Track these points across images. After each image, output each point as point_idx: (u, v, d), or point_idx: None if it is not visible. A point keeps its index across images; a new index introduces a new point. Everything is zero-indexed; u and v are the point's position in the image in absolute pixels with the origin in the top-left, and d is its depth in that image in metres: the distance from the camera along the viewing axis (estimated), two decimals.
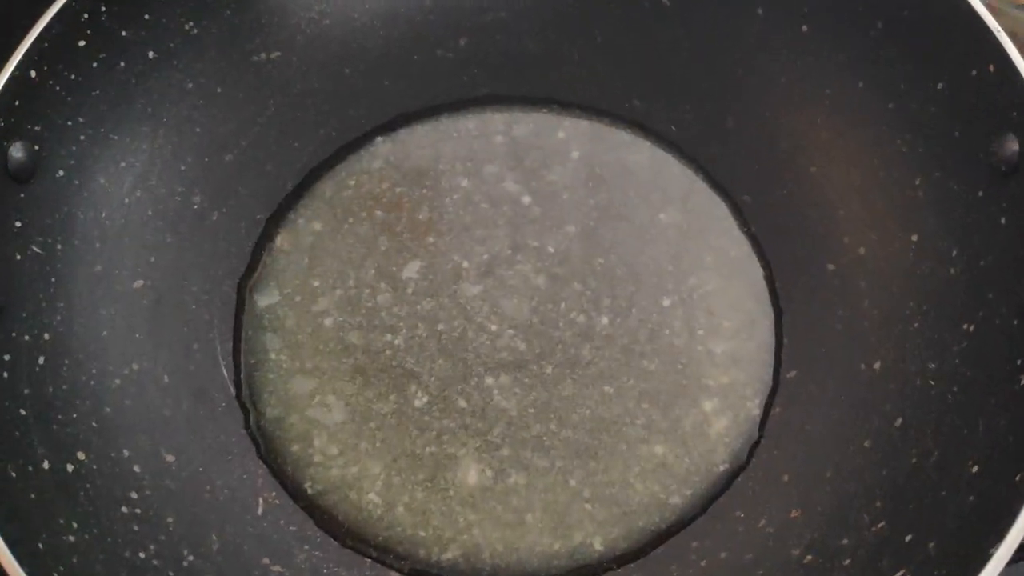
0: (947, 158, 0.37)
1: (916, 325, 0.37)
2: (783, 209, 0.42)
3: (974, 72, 0.36)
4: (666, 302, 0.41)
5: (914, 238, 0.38)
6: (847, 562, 0.33)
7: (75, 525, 0.32)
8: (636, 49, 0.45)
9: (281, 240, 0.43)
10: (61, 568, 0.30)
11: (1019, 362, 0.32)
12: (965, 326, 0.35)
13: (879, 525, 0.33)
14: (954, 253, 0.36)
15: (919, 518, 0.32)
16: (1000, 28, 0.35)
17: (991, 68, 0.35)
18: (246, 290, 0.42)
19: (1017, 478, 0.29)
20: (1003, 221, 0.35)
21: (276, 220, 0.43)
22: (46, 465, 0.33)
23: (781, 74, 0.42)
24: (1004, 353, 0.33)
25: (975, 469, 0.31)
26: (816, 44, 0.41)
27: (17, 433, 0.32)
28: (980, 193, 0.36)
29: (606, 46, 0.45)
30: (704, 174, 0.43)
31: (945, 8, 0.36)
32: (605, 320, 0.40)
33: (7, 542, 0.28)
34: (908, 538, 0.31)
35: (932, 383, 0.35)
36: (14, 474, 0.31)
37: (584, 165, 0.44)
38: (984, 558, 0.27)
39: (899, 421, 0.35)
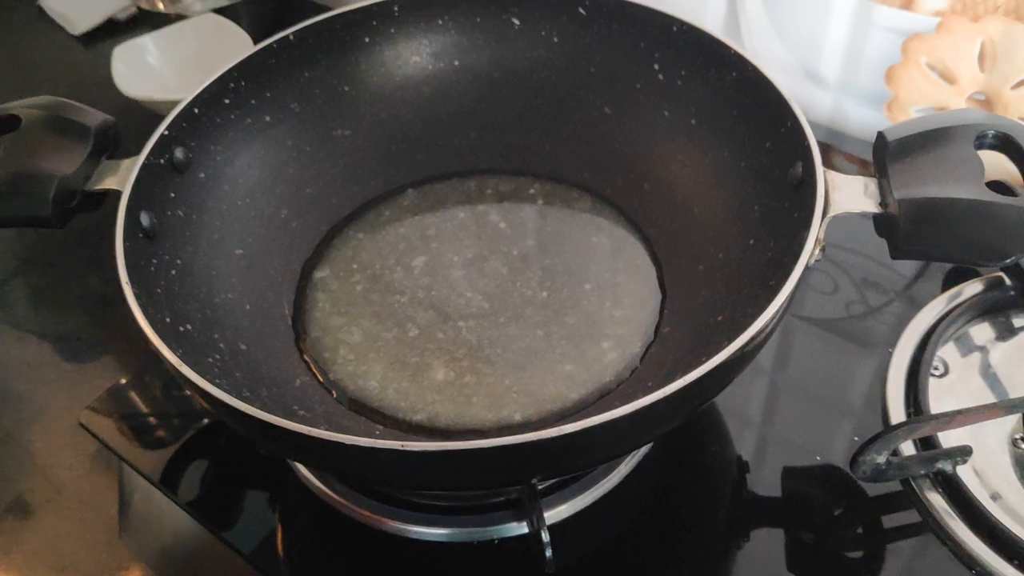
0: (772, 188, 0.55)
1: (745, 291, 0.54)
2: (675, 235, 0.61)
3: (783, 129, 0.55)
4: (587, 286, 0.60)
5: (751, 241, 0.56)
6: None
7: (180, 352, 0.50)
8: (587, 141, 0.66)
9: (336, 242, 0.63)
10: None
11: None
12: (772, 283, 0.52)
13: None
14: (772, 243, 0.54)
15: None
16: (792, 98, 0.55)
17: (789, 124, 0.54)
18: (307, 267, 0.62)
19: None
20: (795, 215, 0.52)
21: (334, 230, 0.64)
22: (168, 320, 0.51)
23: (679, 152, 0.63)
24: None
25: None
26: (700, 131, 0.62)
27: (154, 297, 0.52)
28: (786, 203, 0.53)
29: (567, 140, 0.67)
30: (625, 216, 0.63)
31: (769, 99, 0.56)
32: (544, 294, 0.59)
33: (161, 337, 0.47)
34: None
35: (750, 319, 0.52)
36: (151, 310, 0.50)
37: (545, 207, 0.64)
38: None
39: (725, 343, 0.52)
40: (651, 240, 0.62)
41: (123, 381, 0.65)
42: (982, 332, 0.63)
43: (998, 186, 0.50)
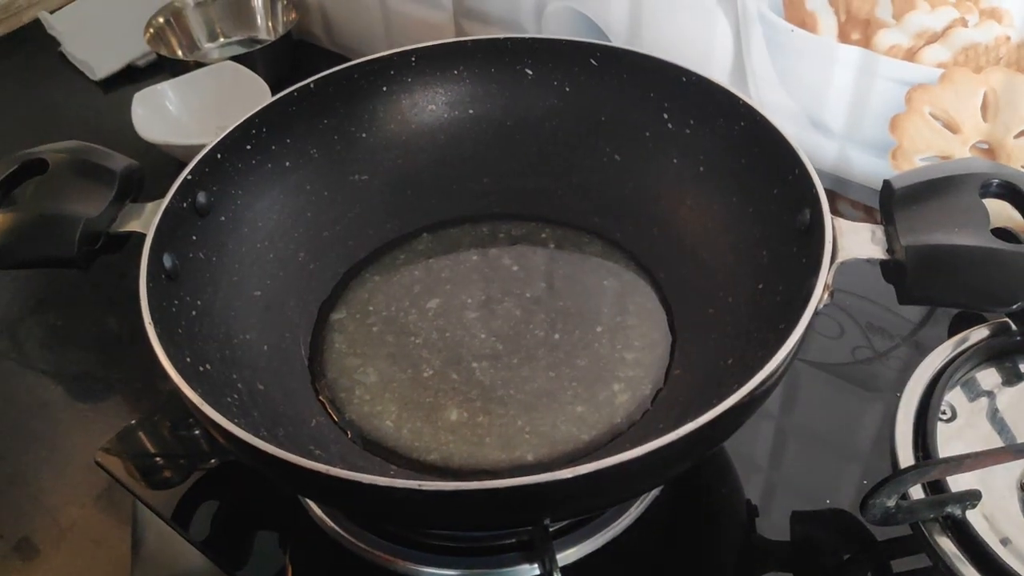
0: (780, 234, 0.56)
1: (755, 335, 0.55)
2: (684, 279, 0.62)
3: (790, 177, 0.56)
4: (599, 328, 0.60)
5: (760, 286, 0.57)
6: None
7: (200, 391, 0.51)
8: (598, 187, 0.68)
9: (352, 284, 0.65)
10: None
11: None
12: (781, 327, 0.53)
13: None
14: (780, 287, 0.55)
15: None
16: (799, 147, 0.56)
17: (796, 171, 0.56)
18: (324, 309, 0.63)
19: None
20: (803, 261, 0.53)
21: (351, 273, 0.65)
22: (188, 360, 0.52)
23: (687, 198, 0.64)
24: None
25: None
26: (709, 178, 0.63)
27: (175, 338, 0.53)
28: (794, 248, 0.55)
29: (578, 185, 0.68)
30: (635, 260, 0.65)
31: (777, 147, 0.57)
32: (557, 336, 0.60)
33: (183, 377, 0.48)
34: None
35: (761, 363, 0.53)
36: (172, 350, 0.51)
37: (557, 251, 0.66)
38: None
39: (736, 387, 0.53)
40: (661, 284, 0.63)
41: (138, 421, 0.66)
42: (989, 377, 0.63)
43: (1003, 233, 0.51)
